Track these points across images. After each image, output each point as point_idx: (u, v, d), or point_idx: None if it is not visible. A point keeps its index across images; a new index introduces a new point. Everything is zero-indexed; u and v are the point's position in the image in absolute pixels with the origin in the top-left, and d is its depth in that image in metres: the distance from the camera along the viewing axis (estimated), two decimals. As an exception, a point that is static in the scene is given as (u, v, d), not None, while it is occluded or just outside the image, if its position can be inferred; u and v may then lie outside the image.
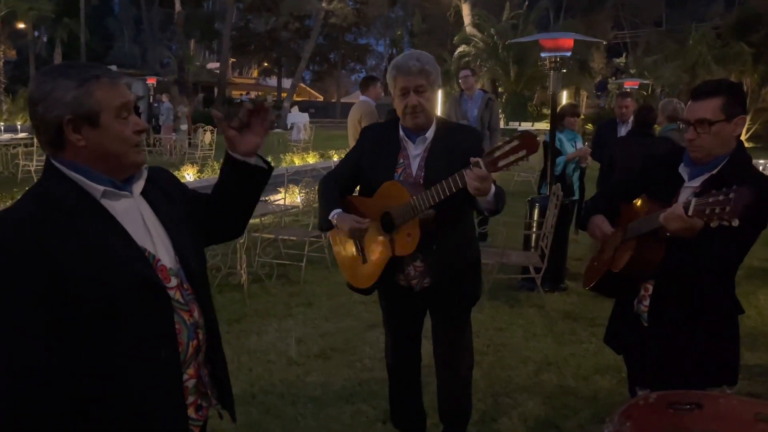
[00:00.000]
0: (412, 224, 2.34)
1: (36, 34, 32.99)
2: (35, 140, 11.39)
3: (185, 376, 1.50)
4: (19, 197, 1.44)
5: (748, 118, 22.10)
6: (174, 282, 1.47)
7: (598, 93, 35.44)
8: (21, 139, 13.05)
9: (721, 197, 1.68)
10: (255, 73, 49.31)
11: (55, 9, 25.15)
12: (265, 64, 45.88)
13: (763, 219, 1.99)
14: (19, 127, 15.80)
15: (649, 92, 24.86)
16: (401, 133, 2.49)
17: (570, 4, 39.10)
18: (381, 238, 2.46)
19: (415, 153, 2.47)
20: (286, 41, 39.82)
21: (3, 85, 21.89)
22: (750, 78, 22.44)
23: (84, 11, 28.90)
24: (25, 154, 11.59)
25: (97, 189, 1.39)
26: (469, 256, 2.63)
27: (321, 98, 48.10)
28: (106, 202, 1.40)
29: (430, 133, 2.47)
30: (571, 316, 4.86)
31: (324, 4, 29.44)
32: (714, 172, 2.06)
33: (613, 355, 3.85)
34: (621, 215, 2.27)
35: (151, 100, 20.27)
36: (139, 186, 1.49)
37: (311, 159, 14.88)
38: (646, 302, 2.19)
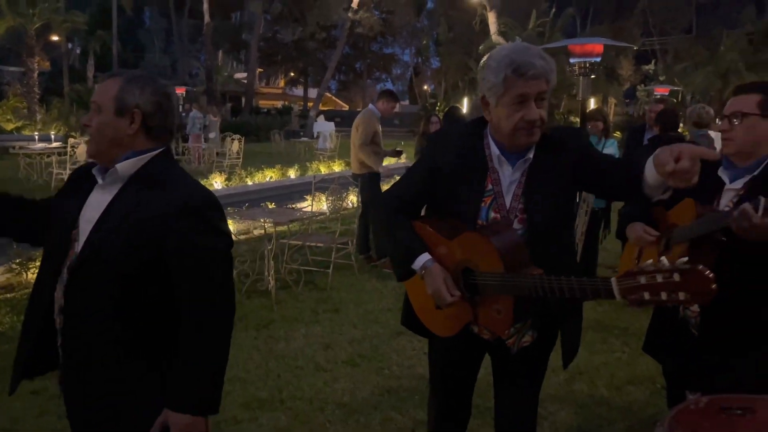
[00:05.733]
0: (503, 300, 1.75)
1: (69, 46, 33.80)
2: (68, 149, 11.72)
3: (59, 340, 1.68)
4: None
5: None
6: (68, 263, 1.65)
7: (627, 100, 34.98)
8: (54, 148, 13.35)
9: None
10: (282, 83, 49.80)
11: (88, 21, 25.79)
12: (292, 74, 46.33)
13: None
14: (52, 136, 16.17)
15: (679, 99, 24.46)
16: (493, 150, 1.87)
17: (597, 11, 38.75)
18: (461, 295, 1.84)
19: (511, 179, 1.86)
20: (313, 51, 40.18)
21: (37, 96, 22.43)
22: (784, 84, 21.94)
23: (116, 23, 29.59)
24: (59, 162, 11.85)
25: None
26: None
27: (347, 107, 48.35)
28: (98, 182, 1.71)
29: (531, 152, 1.86)
30: (602, 325, 4.76)
31: (350, 14, 29.66)
32: (756, 173, 2.03)
33: (647, 366, 3.78)
34: (658, 220, 2.21)
35: (180, 110, 20.62)
36: (107, 179, 1.67)
37: (337, 167, 14.96)
38: (695, 307, 2.13)
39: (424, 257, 1.87)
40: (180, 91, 22.31)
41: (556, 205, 1.84)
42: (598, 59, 5.62)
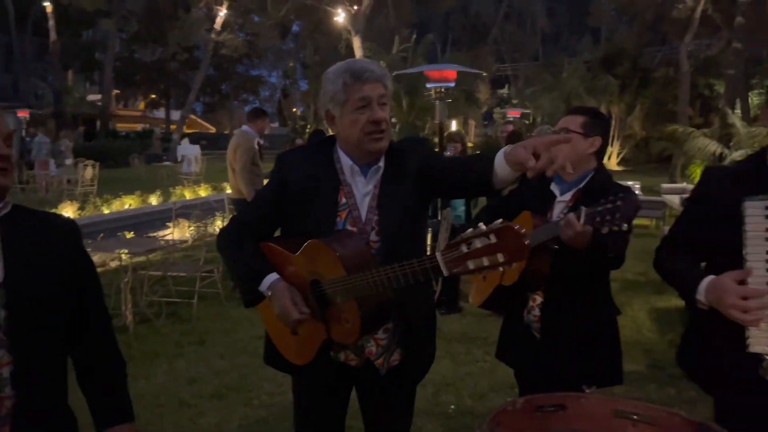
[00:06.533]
0: (349, 307, 1.71)
1: None
2: None
3: None
4: None
5: (618, 143, 24.16)
6: None
7: (485, 122, 37.23)
8: None
9: (609, 205, 1.85)
10: (142, 105, 47.33)
11: None
12: (153, 96, 44.23)
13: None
14: None
15: (531, 120, 26.46)
16: (345, 162, 1.86)
17: (455, 38, 41.18)
18: (312, 312, 1.79)
19: (365, 191, 1.85)
20: (175, 72, 38.67)
21: None
22: (617, 107, 24.50)
23: (-55, 39, 26.63)
24: None
25: None
26: (432, 308, 2.09)
27: (213, 130, 46.98)
28: None
29: (382, 162, 1.87)
30: (466, 337, 4.99)
31: (213, 36, 28.97)
32: (581, 186, 2.28)
33: (506, 373, 3.98)
34: None
35: (23, 134, 18.90)
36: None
37: (203, 192, 14.46)
38: (536, 312, 2.32)
39: (271, 277, 1.81)
40: (23, 114, 20.41)
41: (410, 215, 1.85)
42: (452, 84, 5.95)
